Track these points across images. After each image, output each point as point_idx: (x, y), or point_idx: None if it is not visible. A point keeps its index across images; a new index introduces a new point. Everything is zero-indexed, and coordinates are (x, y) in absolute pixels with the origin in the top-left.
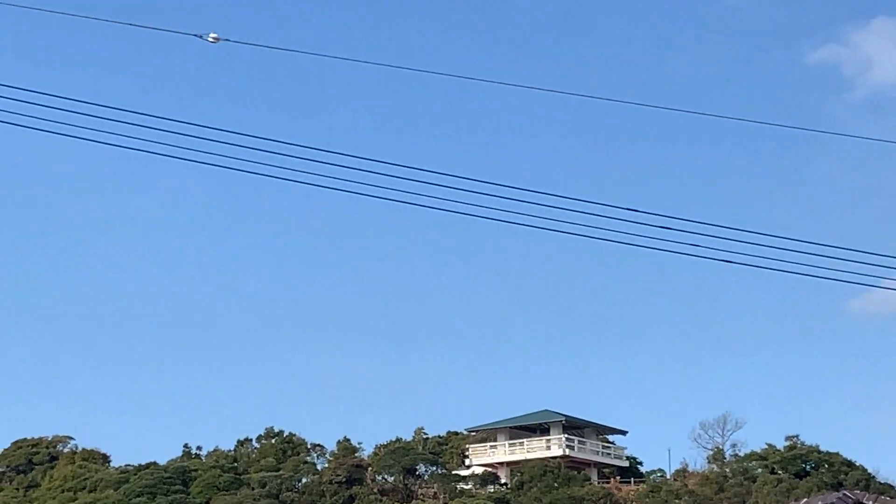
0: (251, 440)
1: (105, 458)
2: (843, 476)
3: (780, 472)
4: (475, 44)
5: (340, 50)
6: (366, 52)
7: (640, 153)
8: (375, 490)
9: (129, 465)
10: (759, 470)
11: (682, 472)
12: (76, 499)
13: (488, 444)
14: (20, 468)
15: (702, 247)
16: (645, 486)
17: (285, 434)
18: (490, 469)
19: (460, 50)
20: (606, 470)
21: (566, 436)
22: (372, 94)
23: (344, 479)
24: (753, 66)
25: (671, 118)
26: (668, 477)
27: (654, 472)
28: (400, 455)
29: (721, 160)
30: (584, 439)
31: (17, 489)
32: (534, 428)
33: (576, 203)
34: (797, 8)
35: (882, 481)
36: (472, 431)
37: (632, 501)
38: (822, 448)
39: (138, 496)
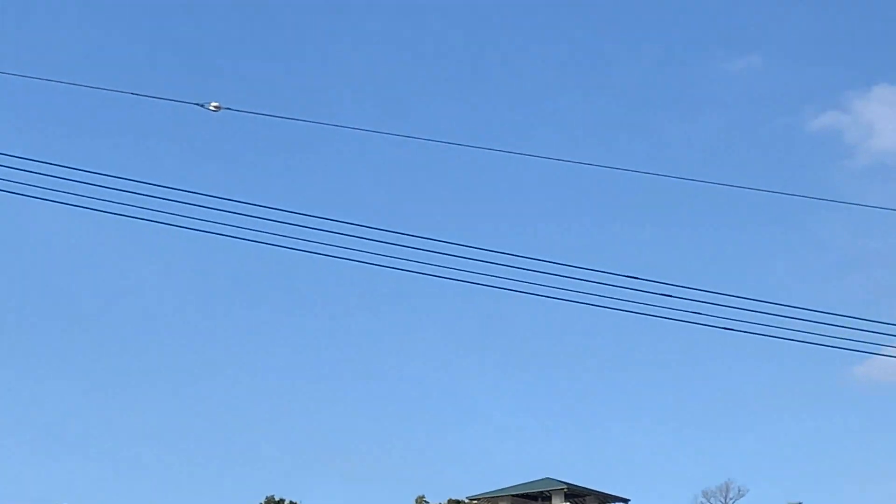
0: None
1: None
2: None
3: None
4: (476, 109)
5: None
6: (367, 119)
7: (642, 221)
8: None
9: None
10: None
11: None
12: None
13: None
14: None
15: (703, 314)
16: None
17: (286, 502)
18: None
19: (460, 115)
20: None
21: None
22: (374, 160)
23: None
24: (757, 133)
25: (673, 185)
26: None
27: None
28: None
29: (723, 227)
30: None
31: None
32: (535, 496)
33: (577, 271)
34: (800, 75)
35: None
36: (474, 499)
37: None
38: None
39: None
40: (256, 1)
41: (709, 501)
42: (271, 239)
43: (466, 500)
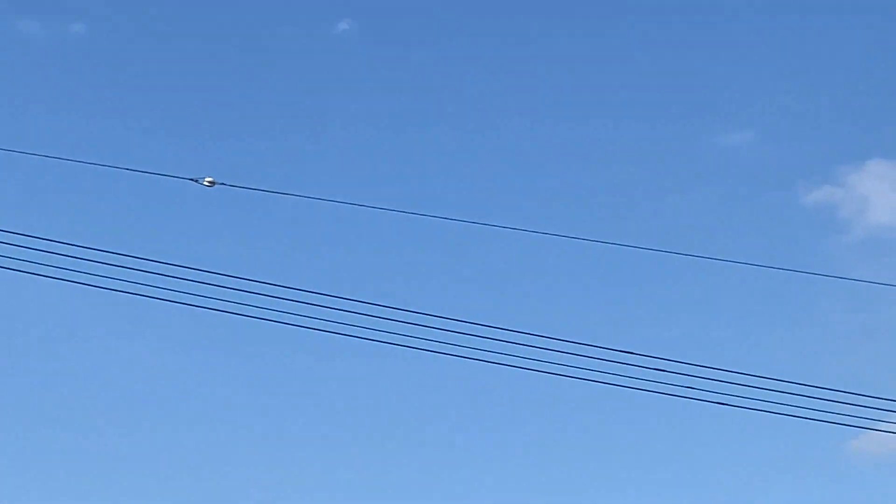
0: None
1: None
2: None
3: None
4: (470, 183)
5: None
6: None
7: (635, 295)
8: None
9: None
10: None
11: None
12: None
13: None
14: None
15: (697, 389)
16: None
17: None
18: None
19: (455, 189)
20: None
21: None
22: (367, 235)
23: None
24: (750, 207)
25: (667, 260)
26: None
27: None
28: None
29: (717, 302)
30: None
31: None
32: None
33: (569, 345)
34: (794, 150)
35: None
36: None
37: None
38: None
39: None
40: (251, 75)
41: None
42: (267, 314)
43: None
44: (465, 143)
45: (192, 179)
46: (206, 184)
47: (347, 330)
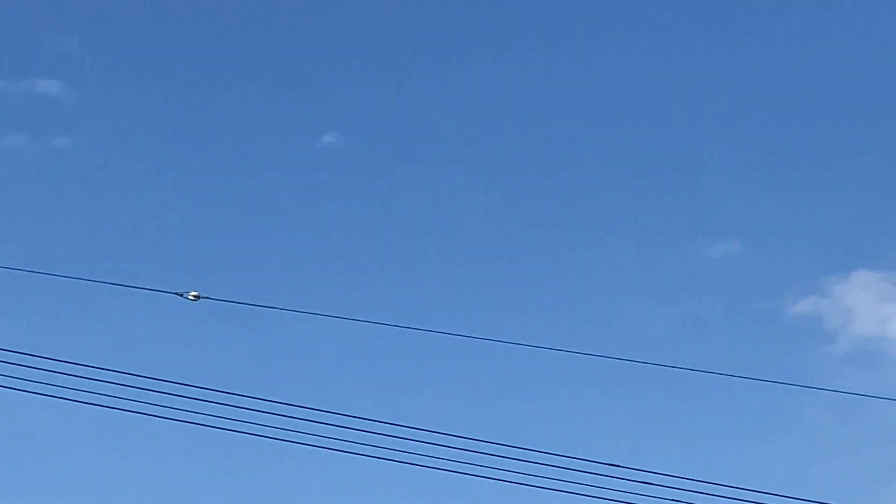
0: None
1: None
2: None
3: None
4: (453, 295)
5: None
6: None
7: (621, 407)
8: None
9: None
10: None
11: None
12: None
13: None
14: None
15: (683, 502)
16: None
17: None
18: None
19: (441, 303)
20: None
21: None
22: (352, 348)
23: None
24: (737, 318)
25: (653, 372)
26: None
27: None
28: None
29: (703, 413)
30: None
31: None
32: None
33: (554, 458)
34: (780, 261)
35: None
36: None
37: None
38: None
39: None
40: (235, 188)
41: None
42: (252, 428)
43: None
44: (451, 255)
45: (176, 294)
46: (191, 298)
47: (332, 444)
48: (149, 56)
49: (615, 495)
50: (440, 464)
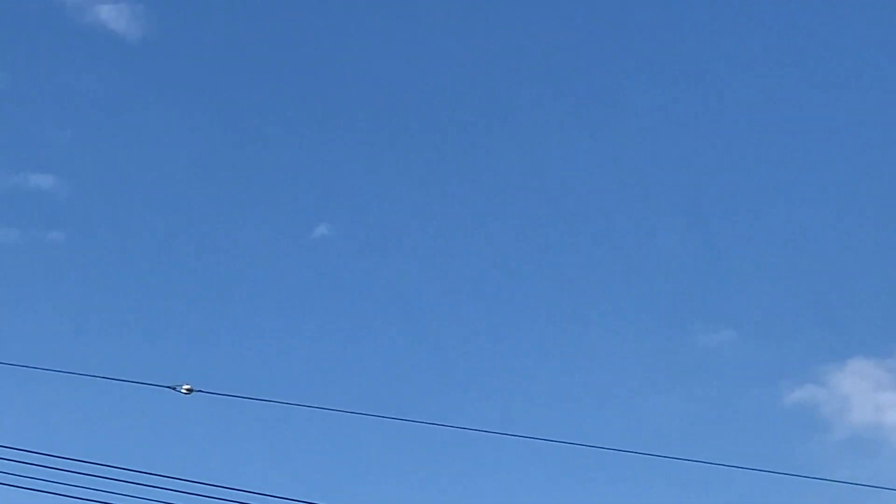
0: None
1: None
2: None
3: None
4: (451, 387)
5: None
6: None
7: (616, 498)
8: None
9: None
10: None
11: None
12: None
13: None
14: None
15: None
16: None
17: None
18: None
19: (437, 395)
20: None
21: None
22: (345, 440)
23: None
24: (732, 407)
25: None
26: None
27: None
28: None
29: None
30: None
31: None
32: None
33: None
34: (776, 349)
35: None
36: None
37: None
38: None
39: None
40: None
41: None
42: None
43: None
44: (443, 346)
45: (169, 387)
46: (184, 391)
47: None
48: (143, 150)
49: None
50: None
